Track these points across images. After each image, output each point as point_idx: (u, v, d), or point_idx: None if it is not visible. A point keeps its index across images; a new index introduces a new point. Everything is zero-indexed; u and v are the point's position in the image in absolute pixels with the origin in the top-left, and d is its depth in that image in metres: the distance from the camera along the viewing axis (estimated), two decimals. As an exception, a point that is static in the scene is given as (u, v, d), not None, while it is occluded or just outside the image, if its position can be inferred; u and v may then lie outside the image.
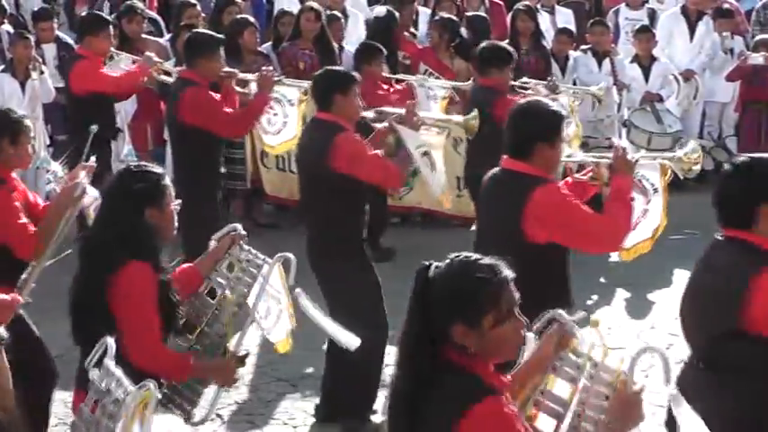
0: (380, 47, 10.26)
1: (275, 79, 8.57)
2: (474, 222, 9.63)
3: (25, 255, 5.77)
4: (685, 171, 6.35)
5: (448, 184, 7.40)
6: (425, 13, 12.74)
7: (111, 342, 4.11)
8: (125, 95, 10.17)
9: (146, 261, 4.68)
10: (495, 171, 5.64)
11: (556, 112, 5.58)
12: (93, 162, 6.02)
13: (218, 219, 7.98)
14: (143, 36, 11.15)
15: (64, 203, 5.79)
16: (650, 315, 8.85)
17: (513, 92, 9.47)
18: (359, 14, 12.65)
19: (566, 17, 13.67)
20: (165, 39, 11.77)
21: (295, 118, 8.80)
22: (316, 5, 11.42)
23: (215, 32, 9.79)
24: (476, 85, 9.43)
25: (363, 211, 7.06)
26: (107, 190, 4.94)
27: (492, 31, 12.27)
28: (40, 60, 11.01)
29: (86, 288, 4.73)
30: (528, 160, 5.43)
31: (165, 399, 4.87)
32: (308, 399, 7.38)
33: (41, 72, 10.90)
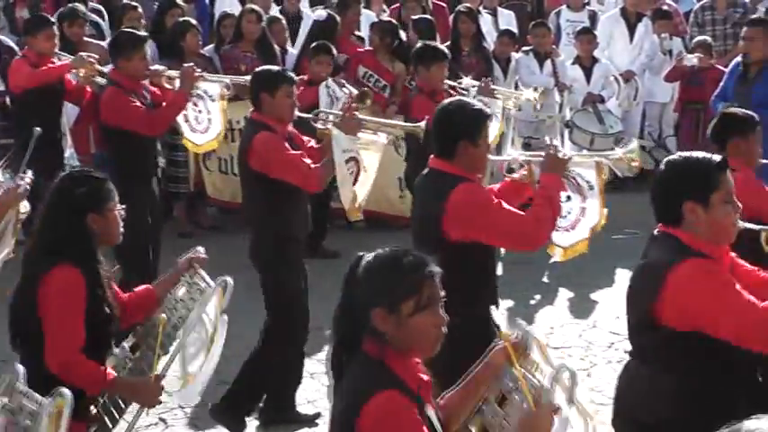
0: (329, 46, 10.27)
1: (196, 75, 8.48)
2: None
3: None
4: (622, 170, 6.40)
5: (365, 194, 7.27)
6: (369, 17, 12.76)
7: (19, 368, 4.06)
8: (66, 98, 10.01)
9: (76, 266, 4.64)
10: (425, 171, 5.67)
11: (479, 111, 5.54)
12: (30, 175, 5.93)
13: (146, 222, 8.00)
14: (85, 39, 11.07)
15: (6, 204, 5.74)
16: (593, 314, 8.92)
17: (448, 93, 9.50)
18: (312, 16, 12.66)
19: (507, 19, 13.77)
20: (107, 42, 11.69)
21: (218, 115, 8.73)
22: (257, 8, 11.41)
23: (158, 35, 9.78)
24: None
25: (292, 211, 7.01)
26: (49, 195, 4.90)
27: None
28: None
29: (20, 291, 4.72)
30: (452, 160, 5.43)
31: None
32: (251, 401, 7.35)
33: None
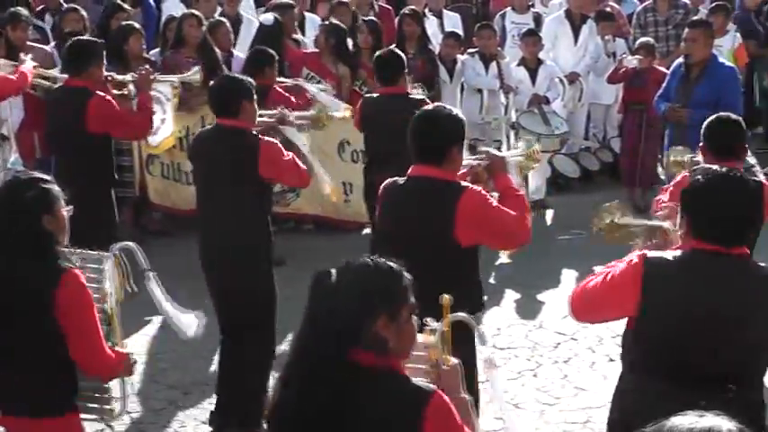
0: (273, 52, 10.26)
1: (152, 77, 8.54)
2: (365, 226, 9.76)
3: None
4: (528, 167, 6.54)
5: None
6: (313, 20, 12.75)
7: None
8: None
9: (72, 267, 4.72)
10: (406, 178, 5.66)
11: (459, 115, 5.71)
12: None
13: (115, 222, 8.21)
14: (28, 43, 11.00)
15: None
16: (539, 315, 8.97)
17: None
18: (253, 20, 12.63)
19: (453, 21, 13.81)
20: (51, 45, 11.63)
21: (171, 114, 8.77)
22: (197, 12, 11.36)
23: (102, 38, 9.69)
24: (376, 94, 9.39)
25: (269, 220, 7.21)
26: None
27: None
28: None
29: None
30: (440, 165, 5.50)
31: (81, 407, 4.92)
32: (198, 407, 7.35)
33: None
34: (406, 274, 3.45)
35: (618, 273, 4.48)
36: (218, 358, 7.16)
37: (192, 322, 5.33)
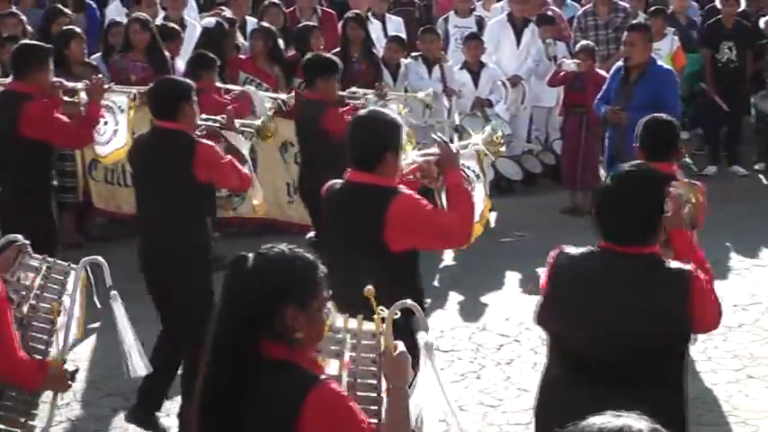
0: (214, 56, 10.25)
1: (105, 87, 8.47)
2: (310, 229, 9.75)
3: None
4: (493, 152, 6.54)
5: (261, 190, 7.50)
6: (253, 23, 12.73)
7: None
8: None
9: None
10: (342, 183, 5.68)
11: (397, 120, 5.70)
12: None
13: (56, 230, 8.09)
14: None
15: None
16: (482, 317, 9.01)
17: (341, 102, 9.56)
18: (196, 24, 12.60)
19: (396, 25, 13.84)
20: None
21: (125, 126, 8.69)
22: (143, 16, 11.31)
23: (43, 43, 9.60)
24: (303, 98, 9.46)
25: (209, 223, 7.21)
26: None
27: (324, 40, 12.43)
28: None
29: None
30: (376, 170, 5.51)
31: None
32: (141, 413, 7.31)
33: None
34: (321, 266, 3.47)
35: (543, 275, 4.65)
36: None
37: (142, 368, 5.24)
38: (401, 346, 3.73)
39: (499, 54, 13.08)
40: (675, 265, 4.45)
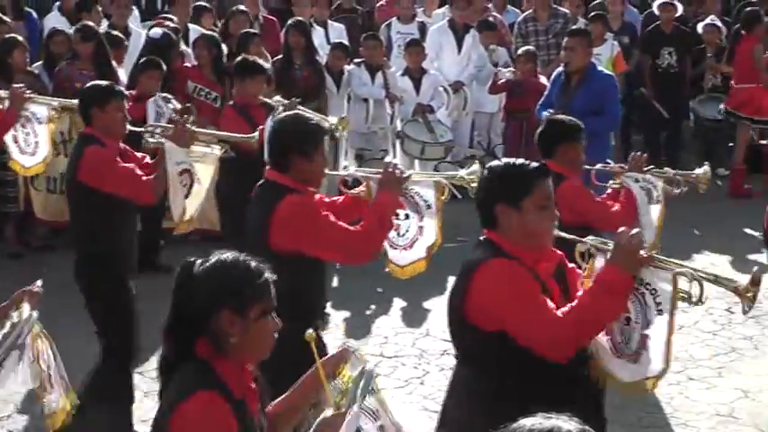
0: (159, 61, 10.20)
1: (26, 96, 8.33)
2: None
3: None
4: (458, 186, 6.57)
5: (200, 208, 7.36)
6: (197, 31, 12.68)
7: None
8: None
9: None
10: (261, 182, 5.72)
11: (314, 125, 5.67)
12: None
13: None
14: None
15: None
16: (425, 323, 9.05)
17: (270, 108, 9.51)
18: (141, 32, 12.54)
19: (338, 32, 13.86)
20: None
21: (45, 137, 8.53)
22: (89, 24, 11.24)
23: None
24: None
25: (122, 228, 7.03)
26: None
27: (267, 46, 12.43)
28: None
29: None
30: (287, 172, 5.52)
31: None
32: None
33: None
34: (267, 274, 3.50)
35: None
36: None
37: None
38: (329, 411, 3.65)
39: (441, 60, 13.15)
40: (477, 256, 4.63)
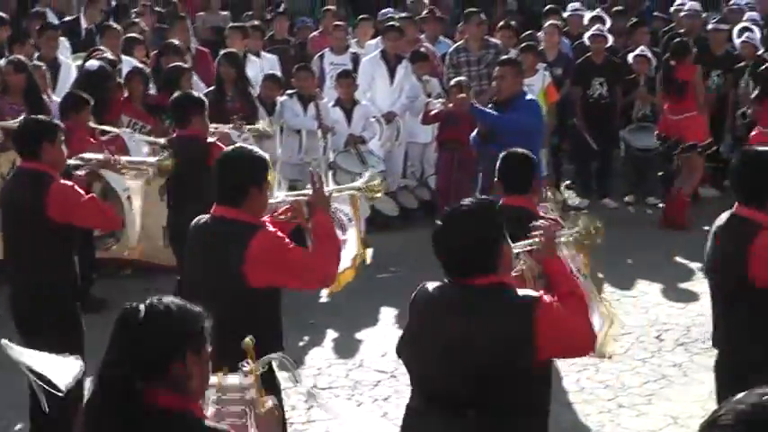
0: (88, 97, 10.11)
1: None
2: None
3: None
4: (371, 198, 6.63)
5: (142, 231, 7.42)
6: (129, 62, 12.62)
7: None
8: None
9: None
10: (205, 219, 5.67)
11: (262, 157, 5.72)
12: None
13: None
14: None
15: None
16: (358, 354, 9.03)
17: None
18: (71, 64, 12.45)
19: (271, 63, 13.89)
20: None
21: None
22: (17, 58, 11.13)
23: None
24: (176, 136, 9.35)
25: (72, 262, 7.10)
26: None
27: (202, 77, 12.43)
28: None
29: None
30: (240, 206, 5.52)
31: None
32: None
33: None
34: (205, 315, 3.52)
35: None
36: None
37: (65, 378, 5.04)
38: (270, 402, 3.73)
39: (373, 91, 13.19)
40: (521, 293, 4.49)
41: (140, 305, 3.45)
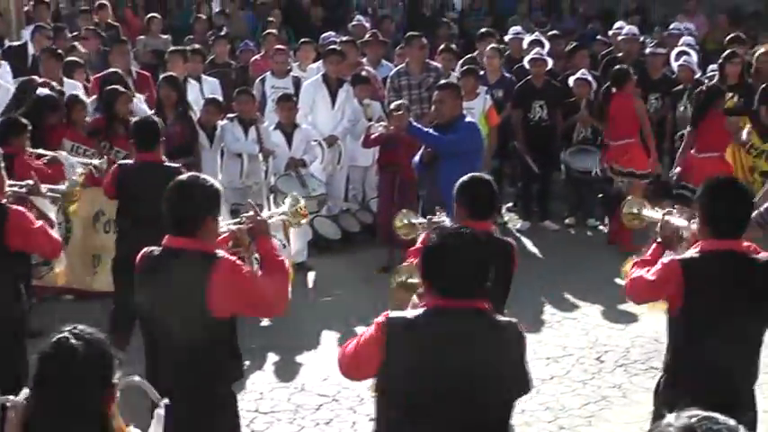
0: (25, 121, 10.01)
1: None
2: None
3: None
4: (297, 222, 6.65)
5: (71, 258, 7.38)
6: (74, 86, 12.52)
7: None
8: None
9: None
10: (161, 249, 5.58)
11: (216, 186, 5.68)
12: None
13: None
14: None
15: None
16: (300, 378, 9.00)
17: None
18: (9, 88, 12.32)
19: (212, 86, 13.84)
20: None
21: None
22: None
23: None
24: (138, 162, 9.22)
25: (19, 290, 7.03)
26: None
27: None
28: None
29: None
30: (194, 236, 5.46)
31: None
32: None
33: None
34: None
35: (365, 336, 4.66)
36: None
37: None
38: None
39: (315, 114, 13.19)
40: (504, 319, 4.63)
41: (69, 339, 3.47)
